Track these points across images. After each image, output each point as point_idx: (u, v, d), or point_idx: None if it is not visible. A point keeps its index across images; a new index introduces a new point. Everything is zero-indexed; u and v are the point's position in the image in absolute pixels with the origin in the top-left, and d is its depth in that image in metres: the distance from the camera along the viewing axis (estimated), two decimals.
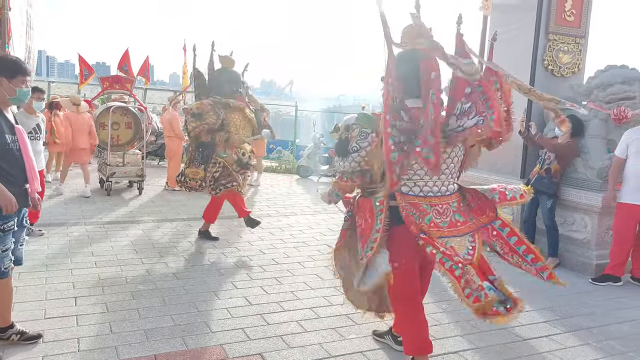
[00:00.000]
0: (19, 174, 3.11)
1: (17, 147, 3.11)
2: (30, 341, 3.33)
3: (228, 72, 6.18)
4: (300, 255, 5.60)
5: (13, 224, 3.13)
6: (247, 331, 3.69)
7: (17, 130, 3.14)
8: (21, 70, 3.13)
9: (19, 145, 3.12)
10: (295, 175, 11.84)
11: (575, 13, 6.16)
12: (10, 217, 3.08)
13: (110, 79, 9.77)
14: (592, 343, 3.80)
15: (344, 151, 3.16)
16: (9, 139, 3.06)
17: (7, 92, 3.09)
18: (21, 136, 3.14)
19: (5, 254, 3.13)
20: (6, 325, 3.31)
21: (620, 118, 5.48)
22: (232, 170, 5.88)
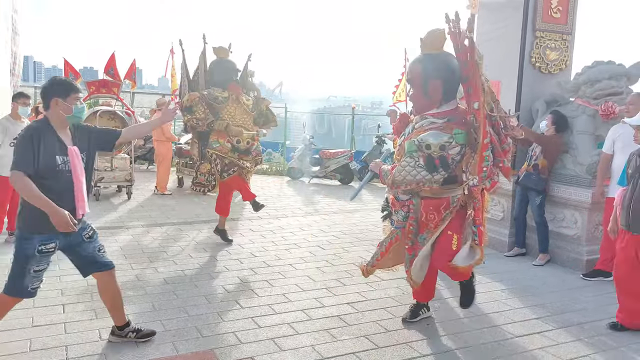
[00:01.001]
0: (67, 196, 3.12)
1: (67, 169, 3.12)
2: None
3: (222, 61, 6.18)
4: (292, 257, 5.57)
5: (54, 246, 3.12)
6: (239, 335, 3.65)
7: (70, 151, 3.15)
8: (73, 89, 3.21)
9: (70, 167, 3.13)
10: (285, 177, 11.81)
11: (561, 10, 6.18)
12: (52, 239, 3.09)
13: (97, 83, 9.67)
14: (584, 339, 3.80)
15: (438, 166, 3.41)
16: (59, 160, 3.08)
17: (64, 111, 3.13)
18: (73, 157, 3.15)
19: (37, 274, 3.13)
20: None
21: (607, 114, 5.50)
22: (230, 158, 5.88)
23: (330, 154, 11.28)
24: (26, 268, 3.07)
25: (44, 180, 3.02)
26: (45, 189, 3.01)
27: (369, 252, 5.86)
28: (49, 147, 3.05)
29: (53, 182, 3.05)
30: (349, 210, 8.33)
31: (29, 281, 3.11)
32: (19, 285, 3.11)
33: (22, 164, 2.98)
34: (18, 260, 3.09)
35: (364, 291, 4.61)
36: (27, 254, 3.07)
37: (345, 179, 11.26)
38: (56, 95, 3.12)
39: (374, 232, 6.89)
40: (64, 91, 3.14)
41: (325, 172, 11.21)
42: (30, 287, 3.13)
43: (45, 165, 3.01)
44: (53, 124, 3.14)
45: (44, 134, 3.05)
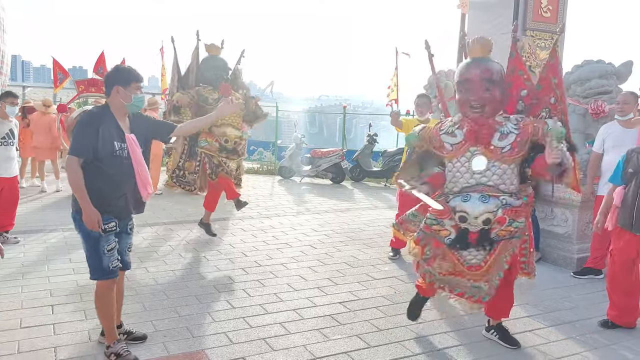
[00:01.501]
0: (127, 181, 3.19)
1: (125, 155, 3.15)
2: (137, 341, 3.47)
3: (213, 59, 6.19)
4: (283, 257, 5.55)
5: (115, 225, 3.18)
6: (230, 335, 3.62)
7: (128, 138, 3.19)
8: (134, 77, 3.21)
9: (128, 153, 3.17)
10: (277, 176, 11.77)
11: (551, 9, 6.22)
12: (111, 219, 3.16)
13: (86, 82, 9.55)
14: (575, 337, 3.81)
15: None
16: (117, 146, 3.12)
17: (123, 99, 3.16)
18: (131, 144, 3.20)
19: (111, 253, 3.18)
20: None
21: (597, 112, 5.54)
22: (219, 158, 5.96)
23: (321, 153, 11.27)
24: (99, 249, 3.13)
25: (103, 166, 3.08)
26: (104, 175, 3.08)
27: (360, 251, 5.86)
28: (108, 132, 3.09)
29: (111, 168, 3.10)
30: (341, 210, 8.31)
31: (107, 261, 3.16)
32: (99, 267, 3.17)
33: (79, 149, 3.04)
34: (89, 244, 3.16)
35: (355, 290, 4.60)
36: (93, 235, 3.11)
37: (337, 178, 11.25)
38: (118, 83, 3.15)
39: (365, 231, 6.88)
40: (126, 80, 3.16)
41: (316, 171, 11.19)
42: (111, 267, 3.18)
43: (104, 150, 3.06)
44: (113, 111, 3.17)
45: (103, 120, 3.10)
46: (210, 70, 6.07)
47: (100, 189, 3.09)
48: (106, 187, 3.11)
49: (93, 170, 3.07)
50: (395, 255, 5.70)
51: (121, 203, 3.21)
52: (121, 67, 3.29)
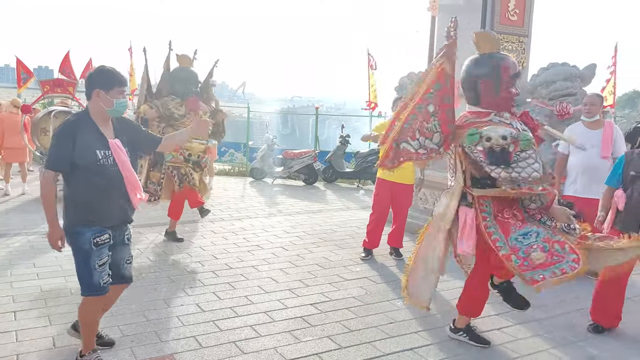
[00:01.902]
0: (117, 189, 3.05)
1: (111, 162, 3.01)
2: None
3: (183, 70, 6.13)
4: (255, 259, 5.51)
5: (108, 237, 3.04)
6: (199, 339, 3.57)
7: (112, 144, 3.04)
8: (117, 81, 3.05)
9: (114, 160, 3.02)
10: (248, 178, 11.70)
11: (518, 13, 6.34)
12: (104, 230, 3.01)
13: (51, 83, 9.34)
14: (542, 334, 3.88)
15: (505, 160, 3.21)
16: (100, 154, 2.96)
17: (104, 104, 3.00)
18: (116, 150, 3.03)
19: (102, 269, 3.03)
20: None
21: (563, 114, 5.67)
22: (185, 168, 5.94)
23: (293, 154, 11.24)
24: (90, 264, 2.99)
25: (90, 176, 2.94)
26: (92, 185, 2.95)
27: (332, 252, 5.86)
28: (88, 142, 2.94)
29: (98, 178, 2.97)
30: (313, 211, 8.30)
31: (98, 277, 3.02)
32: (89, 283, 3.03)
33: (53, 162, 2.92)
34: (79, 258, 3.02)
35: (327, 292, 4.59)
36: (84, 249, 2.98)
37: (310, 179, 11.24)
38: (99, 86, 2.99)
39: (337, 232, 6.88)
40: (108, 83, 3.00)
41: (288, 172, 11.16)
42: (102, 283, 3.04)
43: (85, 161, 2.92)
44: (93, 117, 3.02)
45: (82, 128, 2.95)
46: (181, 82, 6.02)
47: (89, 200, 2.97)
48: (95, 197, 2.98)
49: (80, 181, 2.94)
50: (367, 256, 5.73)
51: (114, 212, 3.08)
52: (104, 69, 3.12)
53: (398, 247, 5.81)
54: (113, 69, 3.13)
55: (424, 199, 6.92)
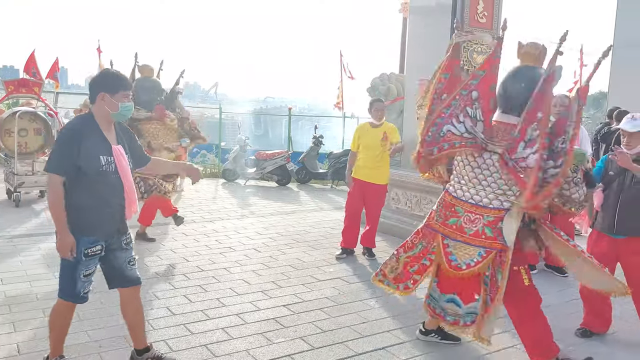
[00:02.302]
0: (117, 197, 2.97)
1: (113, 169, 2.91)
2: None
3: (147, 80, 6.13)
4: (227, 261, 5.46)
5: (100, 249, 2.95)
6: (170, 343, 3.52)
7: (115, 150, 2.94)
8: (123, 85, 2.97)
9: (116, 167, 2.92)
10: (220, 179, 11.60)
11: (487, 15, 6.44)
12: (98, 242, 2.92)
13: (16, 83, 9.09)
14: (510, 330, 3.93)
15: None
16: (103, 160, 2.88)
17: (109, 108, 2.91)
18: (118, 157, 2.94)
19: (87, 279, 2.94)
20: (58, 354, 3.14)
21: None
22: (153, 180, 5.88)
23: (266, 155, 11.20)
24: (76, 273, 2.89)
25: (91, 182, 2.85)
26: (93, 192, 2.85)
27: (305, 253, 5.86)
28: (93, 146, 2.85)
29: (99, 185, 2.89)
30: (286, 212, 8.28)
31: (80, 286, 2.93)
32: (71, 290, 2.93)
33: (58, 166, 2.81)
34: (66, 266, 2.92)
35: (300, 293, 4.59)
36: (74, 258, 2.86)
37: (283, 180, 11.21)
38: (104, 89, 2.91)
39: (311, 233, 6.88)
40: (113, 86, 2.91)
41: (261, 173, 11.10)
42: (83, 292, 2.95)
43: (88, 167, 2.83)
44: (98, 121, 2.93)
45: (87, 133, 2.86)
46: (145, 92, 6.00)
47: (87, 208, 2.87)
48: (95, 205, 2.89)
49: (79, 187, 2.85)
50: (342, 255, 5.77)
51: (111, 222, 2.99)
52: (109, 72, 3.06)
53: (370, 247, 5.85)
54: (118, 72, 3.07)
55: (396, 199, 6.98)
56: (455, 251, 3.21)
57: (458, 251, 3.20)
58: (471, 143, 3.14)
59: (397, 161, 7.24)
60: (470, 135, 3.14)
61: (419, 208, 6.59)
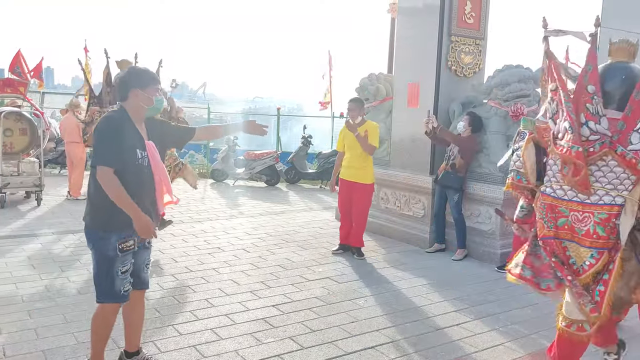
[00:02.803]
0: (148, 192, 2.95)
1: (146, 163, 2.89)
2: None
3: None
4: (215, 262, 5.44)
5: (133, 243, 2.91)
6: (158, 344, 3.50)
7: (148, 145, 2.92)
8: (153, 80, 2.98)
9: (149, 161, 2.90)
10: (209, 180, 11.56)
11: (474, 16, 6.48)
12: (130, 236, 2.87)
13: (1, 82, 9.00)
14: (499, 328, 3.98)
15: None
16: (139, 154, 2.87)
17: (143, 102, 2.92)
18: (151, 151, 2.92)
19: (125, 276, 2.90)
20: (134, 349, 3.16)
21: (517, 114, 5.82)
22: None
23: (255, 155, 11.17)
24: (113, 271, 2.84)
25: (125, 176, 2.81)
26: (124, 184, 2.80)
27: (295, 253, 5.85)
28: (130, 139, 2.85)
29: (133, 178, 2.84)
30: (275, 212, 8.27)
31: (120, 284, 2.88)
32: (110, 290, 2.88)
33: (108, 158, 2.76)
34: (101, 264, 2.87)
35: (289, 293, 4.58)
36: (109, 256, 2.83)
37: (272, 180, 11.19)
38: (136, 85, 2.90)
39: (300, 233, 6.88)
40: (145, 82, 2.92)
41: (250, 173, 11.08)
42: (123, 290, 2.90)
43: (127, 159, 2.81)
44: (131, 116, 2.91)
45: (125, 125, 2.85)
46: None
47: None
48: (133, 200, 2.84)
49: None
50: (338, 250, 5.91)
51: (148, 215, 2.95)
52: (137, 68, 3.05)
53: (359, 246, 5.87)
54: (146, 68, 3.07)
55: (385, 199, 7.00)
56: (572, 253, 3.03)
57: (574, 252, 3.02)
58: (598, 147, 2.88)
59: (386, 161, 7.27)
60: (596, 136, 2.88)
61: (408, 207, 6.62)
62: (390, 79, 7.69)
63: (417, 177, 6.47)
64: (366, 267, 5.46)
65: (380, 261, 5.72)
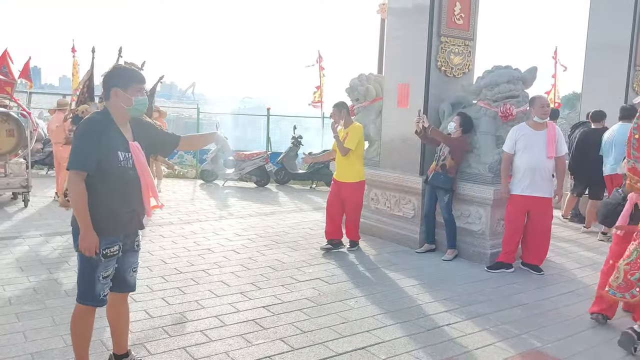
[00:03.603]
0: (135, 194, 2.92)
1: (130, 165, 2.83)
2: None
3: None
4: (205, 263, 5.41)
5: (118, 249, 2.88)
6: (148, 346, 3.47)
7: (132, 146, 2.86)
8: (135, 78, 2.91)
9: (133, 163, 2.84)
10: (199, 180, 11.50)
11: (464, 17, 6.50)
12: (115, 242, 2.86)
13: None
14: (489, 328, 4.00)
15: None
16: (121, 156, 2.82)
17: (123, 102, 2.85)
18: (136, 152, 2.86)
19: (105, 281, 2.86)
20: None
21: (506, 115, 5.85)
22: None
23: (245, 155, 11.14)
24: (94, 275, 2.80)
25: (110, 180, 2.78)
26: (112, 190, 2.78)
27: (285, 254, 5.84)
28: (111, 141, 2.79)
29: (117, 181, 2.81)
30: (265, 213, 8.25)
31: (100, 289, 2.84)
32: (90, 294, 2.84)
33: (80, 162, 2.71)
34: (84, 268, 2.83)
35: (279, 294, 4.57)
36: (92, 260, 2.78)
37: (261, 181, 11.16)
38: (116, 84, 2.85)
39: (290, 234, 6.86)
40: (125, 81, 2.86)
41: (240, 174, 11.04)
42: (102, 295, 2.87)
43: (107, 162, 2.76)
44: (113, 116, 2.85)
45: (105, 128, 2.79)
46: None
47: (110, 207, 2.80)
48: (116, 204, 2.82)
49: (97, 184, 2.76)
50: (327, 246, 6.05)
51: (129, 220, 2.93)
52: (120, 67, 2.99)
53: (353, 239, 6.18)
54: (130, 67, 3.03)
55: (375, 199, 7.00)
56: None
57: None
58: None
59: (376, 161, 7.27)
60: None
61: (398, 208, 6.63)
62: (380, 80, 7.70)
63: (407, 177, 6.48)
64: (356, 268, 5.47)
65: (371, 262, 5.72)
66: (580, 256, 6.22)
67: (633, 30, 8.74)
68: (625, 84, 8.84)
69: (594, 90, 9.21)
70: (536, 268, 5.48)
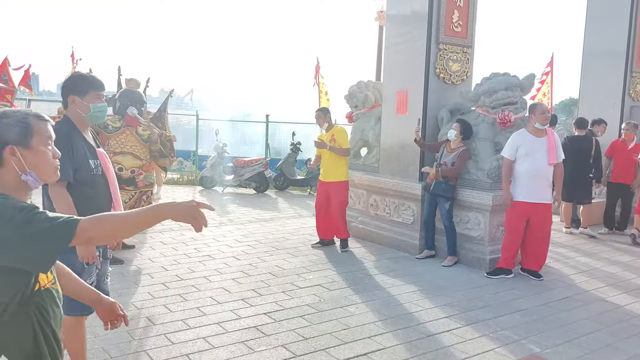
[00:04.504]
0: (105, 202, 2.88)
1: (100, 173, 2.84)
2: None
3: (129, 91, 6.29)
4: (206, 270, 5.43)
5: (98, 255, 2.88)
6: (151, 353, 3.49)
7: (100, 154, 2.86)
8: (93, 85, 2.87)
9: (103, 171, 2.84)
10: (198, 187, 11.52)
11: (462, 24, 6.56)
12: (96, 248, 2.85)
13: None
14: (488, 334, 4.02)
15: None
16: (92, 164, 2.81)
17: (81, 110, 2.83)
18: (104, 160, 2.86)
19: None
20: None
21: (504, 122, 5.90)
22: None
23: (244, 162, 11.16)
24: None
25: (85, 189, 2.77)
26: (88, 199, 2.77)
27: (285, 260, 5.86)
28: (81, 150, 2.78)
29: (91, 190, 2.80)
30: (265, 219, 8.27)
31: None
32: (77, 302, 2.71)
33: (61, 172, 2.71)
34: None
35: (281, 300, 4.59)
36: (76, 269, 2.73)
37: (261, 187, 11.19)
38: (73, 92, 2.83)
39: (290, 240, 6.89)
40: (83, 88, 2.84)
41: (239, 180, 11.06)
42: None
43: (82, 171, 2.75)
44: (76, 125, 2.84)
45: (74, 136, 2.78)
46: (124, 99, 6.10)
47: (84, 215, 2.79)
48: (87, 211, 2.81)
49: (77, 195, 2.75)
50: (317, 244, 6.45)
51: None
52: (76, 74, 2.99)
53: (344, 237, 6.43)
54: (87, 74, 3.00)
55: (374, 205, 7.03)
56: None
57: None
58: None
59: (375, 167, 7.31)
60: None
61: (397, 214, 6.66)
62: (379, 87, 7.76)
63: (407, 183, 6.52)
64: (356, 274, 5.49)
65: (371, 268, 5.75)
66: (578, 262, 6.26)
67: (629, 36, 8.83)
68: (621, 90, 8.92)
69: (591, 96, 9.28)
70: (535, 274, 5.51)
